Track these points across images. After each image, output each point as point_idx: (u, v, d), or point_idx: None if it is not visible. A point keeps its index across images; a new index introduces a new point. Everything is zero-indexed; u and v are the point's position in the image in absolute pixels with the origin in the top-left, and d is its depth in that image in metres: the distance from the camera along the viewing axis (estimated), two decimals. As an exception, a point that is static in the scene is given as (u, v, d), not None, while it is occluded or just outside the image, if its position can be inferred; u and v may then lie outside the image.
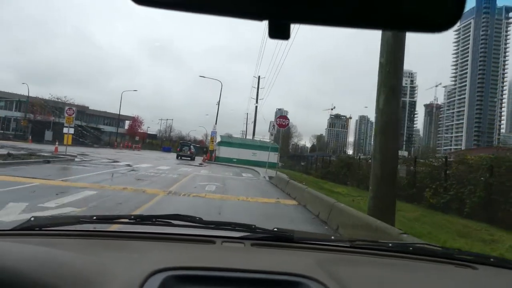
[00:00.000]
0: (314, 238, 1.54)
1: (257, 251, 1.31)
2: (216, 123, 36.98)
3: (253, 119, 46.22)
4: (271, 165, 38.62)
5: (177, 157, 37.16)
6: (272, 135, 21.04)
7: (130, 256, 1.10)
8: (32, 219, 1.33)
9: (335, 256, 1.34)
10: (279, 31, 0.48)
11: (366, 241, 1.55)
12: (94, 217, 1.42)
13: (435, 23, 0.47)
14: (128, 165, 17.74)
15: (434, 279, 1.20)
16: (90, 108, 69.21)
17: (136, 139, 61.09)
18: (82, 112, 67.24)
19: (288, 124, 17.08)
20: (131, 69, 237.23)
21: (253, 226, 1.46)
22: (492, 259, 1.41)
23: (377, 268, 1.25)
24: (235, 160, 35.90)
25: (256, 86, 45.28)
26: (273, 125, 20.78)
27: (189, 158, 37.82)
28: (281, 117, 17.10)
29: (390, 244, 1.48)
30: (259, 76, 45.48)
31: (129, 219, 1.47)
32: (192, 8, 0.46)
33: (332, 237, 1.64)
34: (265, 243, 1.37)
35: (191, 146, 39.42)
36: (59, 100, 52.94)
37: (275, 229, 1.46)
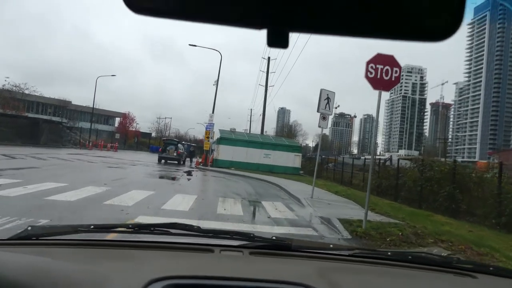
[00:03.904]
0: (313, 246, 1.52)
1: (255, 259, 1.29)
2: (213, 112, 26.03)
3: (254, 118, 35.34)
4: (293, 171, 27.47)
5: (158, 161, 26.45)
6: (324, 119, 10.22)
7: (128, 265, 1.09)
8: (29, 228, 1.31)
9: (334, 264, 1.32)
10: (278, 40, 0.47)
11: (365, 249, 1.64)
12: (92, 226, 1.39)
13: (435, 32, 0.47)
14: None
15: (433, 287, 1.19)
16: (72, 103, 59.45)
17: (116, 137, 50.22)
18: (63, 107, 57.56)
19: (399, 78, 6.33)
20: (132, 68, 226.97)
21: (252, 235, 1.45)
22: (491, 268, 1.41)
23: (376, 277, 1.23)
24: (239, 164, 25.02)
25: (265, 70, 34.52)
26: (327, 99, 9.97)
27: (176, 162, 27.13)
28: (379, 59, 6.27)
29: (389, 253, 1.46)
30: (269, 57, 34.70)
31: (127, 228, 1.44)
32: (190, 17, 0.47)
33: (331, 246, 1.55)
34: (264, 251, 1.34)
35: (179, 146, 28.59)
36: (17, 89, 42.09)
37: (273, 237, 1.45)
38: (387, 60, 6.36)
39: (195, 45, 26.03)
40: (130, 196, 8.13)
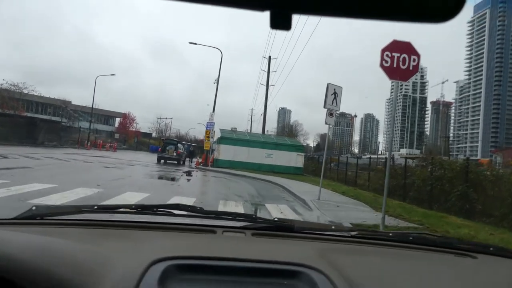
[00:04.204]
0: (315, 228, 1.53)
1: (258, 240, 1.29)
2: (213, 110, 25.37)
3: (255, 118, 34.66)
4: (296, 171, 25.94)
5: (158, 161, 25.86)
6: (331, 115, 9.60)
7: (131, 245, 1.09)
8: (34, 208, 1.32)
9: (335, 245, 1.32)
10: (280, 22, 0.47)
11: (367, 231, 1.54)
12: (95, 207, 1.42)
13: (438, 13, 0.47)
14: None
15: (434, 268, 1.18)
16: (73, 103, 58.87)
17: (115, 136, 49.62)
18: (63, 107, 56.96)
19: (417, 67, 5.71)
20: (133, 69, 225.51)
21: (254, 216, 1.52)
22: (491, 248, 1.40)
23: (378, 258, 1.24)
24: (241, 164, 24.41)
25: (266, 70, 33.91)
26: (334, 94, 9.34)
27: (176, 162, 26.55)
28: (395, 46, 5.68)
29: (391, 234, 1.47)
30: (269, 56, 34.08)
31: (130, 209, 1.45)
32: None
33: (333, 227, 1.58)
34: (266, 232, 1.34)
35: (179, 145, 27.99)
36: (15, 89, 41.42)
37: (276, 219, 1.46)
38: (404, 48, 5.74)
39: (195, 43, 25.47)
40: (123, 198, 7.52)
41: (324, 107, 9.31)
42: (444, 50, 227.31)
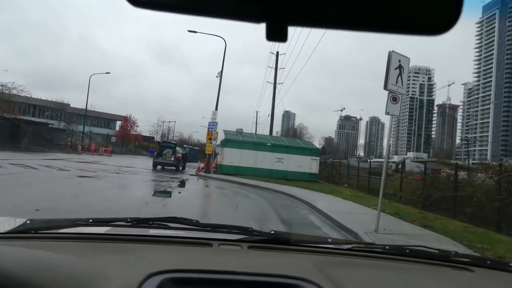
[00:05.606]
0: (311, 240, 1.51)
1: (254, 253, 1.28)
2: (216, 108, 22.08)
3: (259, 120, 31.36)
4: (310, 178, 21.68)
5: (153, 166, 22.67)
6: (395, 101, 6.30)
7: (127, 258, 1.07)
8: (28, 222, 1.30)
9: (332, 258, 1.31)
10: (276, 34, 0.47)
11: (363, 243, 1.63)
12: (90, 220, 1.39)
13: (434, 26, 0.48)
14: None
15: (431, 281, 1.18)
16: (73, 106, 56.13)
17: (112, 140, 46.54)
18: (60, 110, 54.31)
19: None
20: (137, 74, 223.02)
21: (250, 229, 1.44)
22: (488, 261, 1.39)
23: (374, 271, 1.22)
24: (247, 170, 21.19)
25: (274, 67, 30.74)
26: (398, 67, 6.09)
27: (174, 168, 23.35)
28: None
29: (387, 247, 1.44)
30: (277, 52, 30.90)
31: (126, 222, 1.42)
32: (190, 11, 0.46)
33: (329, 240, 1.57)
34: (262, 245, 1.33)
35: (177, 149, 24.75)
36: (3, 89, 38.45)
37: (272, 232, 1.44)
38: None
39: (195, 31, 22.29)
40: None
41: (385, 88, 6.02)
42: (452, 52, 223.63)
